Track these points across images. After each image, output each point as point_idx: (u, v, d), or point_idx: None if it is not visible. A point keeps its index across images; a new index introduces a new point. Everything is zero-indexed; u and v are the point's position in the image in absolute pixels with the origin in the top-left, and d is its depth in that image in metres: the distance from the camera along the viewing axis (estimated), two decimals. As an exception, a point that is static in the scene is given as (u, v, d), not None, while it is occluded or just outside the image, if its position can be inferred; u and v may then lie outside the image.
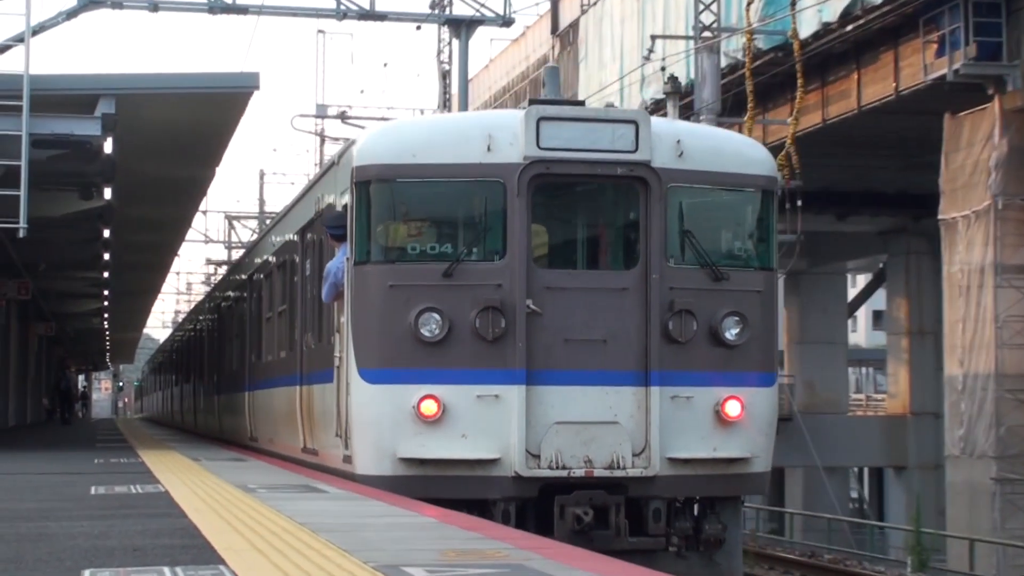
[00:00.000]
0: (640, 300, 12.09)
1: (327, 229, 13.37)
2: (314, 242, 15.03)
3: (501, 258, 11.97)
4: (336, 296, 12.89)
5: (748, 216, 12.94)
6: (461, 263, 11.92)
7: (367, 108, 59.79)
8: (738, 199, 12.85)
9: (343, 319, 12.68)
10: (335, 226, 12.96)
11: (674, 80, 27.91)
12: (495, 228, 12.08)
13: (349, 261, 12.38)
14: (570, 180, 12.41)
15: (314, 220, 14.90)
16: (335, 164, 13.67)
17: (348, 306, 12.43)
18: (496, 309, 11.79)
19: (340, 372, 12.79)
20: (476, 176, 12.08)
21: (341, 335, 12.80)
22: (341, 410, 12.75)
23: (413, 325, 11.80)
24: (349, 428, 12.46)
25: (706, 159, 12.53)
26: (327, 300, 13.23)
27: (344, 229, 12.61)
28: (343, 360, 12.66)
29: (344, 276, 12.52)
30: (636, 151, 12.11)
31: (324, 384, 13.67)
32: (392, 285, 11.99)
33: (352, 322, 12.31)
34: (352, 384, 12.26)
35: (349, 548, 7.37)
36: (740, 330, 12.26)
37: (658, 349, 12.00)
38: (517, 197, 11.93)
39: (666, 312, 12.05)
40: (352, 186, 12.37)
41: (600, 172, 12.21)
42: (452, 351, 11.85)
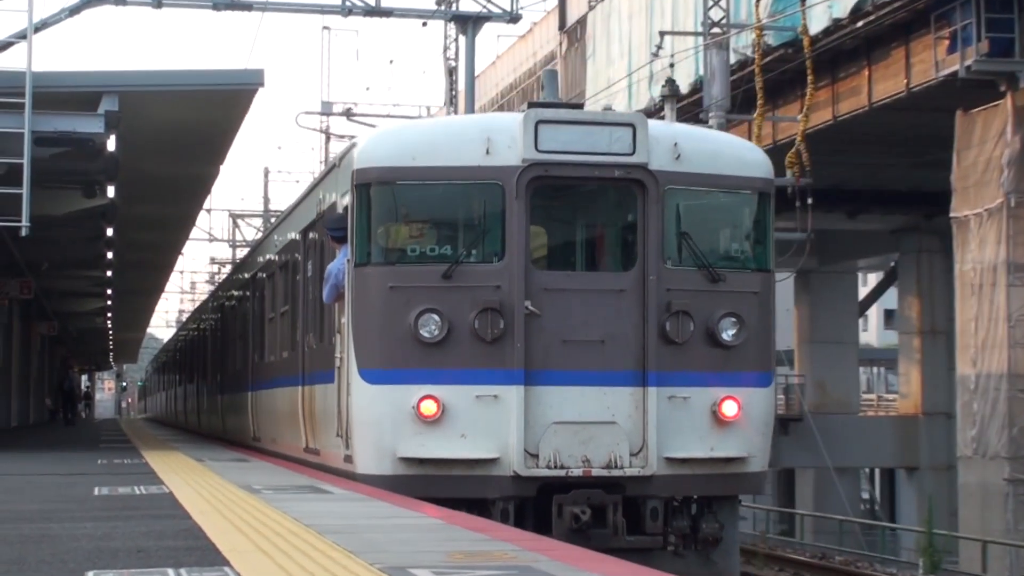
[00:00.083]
0: (638, 301, 12.19)
1: (328, 231, 13.47)
2: (316, 243, 15.13)
3: (500, 260, 12.08)
4: (337, 297, 12.99)
5: (745, 218, 13.05)
6: (460, 265, 12.03)
7: (372, 105, 59.56)
8: (735, 201, 12.95)
9: (344, 320, 12.78)
10: (336, 228, 13.07)
11: (672, 83, 27.91)
12: (494, 230, 12.19)
13: (350, 263, 12.48)
14: (568, 182, 12.52)
15: (316, 221, 15.00)
16: (336, 166, 13.77)
17: (349, 307, 12.53)
18: (495, 310, 11.89)
19: (341, 372, 12.89)
20: (475, 179, 12.19)
21: (342, 336, 12.90)
22: (342, 410, 12.84)
23: (413, 326, 11.91)
24: (350, 428, 12.57)
25: (703, 162, 12.63)
26: (328, 301, 13.33)
27: (345, 231, 12.70)
28: (344, 361, 12.76)
29: (345, 277, 12.63)
30: (633, 154, 12.22)
31: (325, 384, 13.75)
32: (392, 286, 12.10)
33: (353, 323, 12.41)
34: (353, 384, 12.37)
35: (355, 550, 7.38)
36: (737, 331, 12.37)
37: (655, 350, 12.11)
38: (516, 199, 12.03)
39: (663, 313, 12.16)
40: (352, 188, 12.47)
41: (598, 175, 12.31)
42: (451, 352, 11.95)
